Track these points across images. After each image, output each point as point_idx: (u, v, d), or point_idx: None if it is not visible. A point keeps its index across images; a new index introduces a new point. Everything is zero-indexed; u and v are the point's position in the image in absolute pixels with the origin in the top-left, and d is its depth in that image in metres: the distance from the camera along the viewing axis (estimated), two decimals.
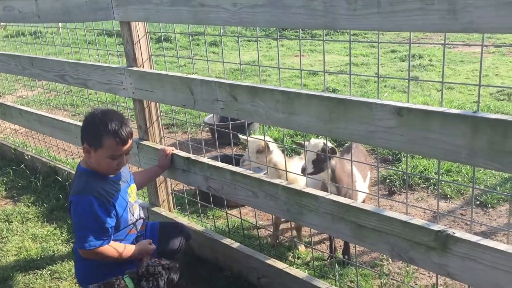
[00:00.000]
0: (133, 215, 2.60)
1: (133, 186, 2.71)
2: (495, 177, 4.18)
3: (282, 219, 3.48)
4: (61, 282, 3.12)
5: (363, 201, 3.03)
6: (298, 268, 2.82)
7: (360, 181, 3.08)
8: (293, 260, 3.06)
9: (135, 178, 2.83)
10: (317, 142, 2.85)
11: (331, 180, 2.81)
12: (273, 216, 3.43)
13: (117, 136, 2.40)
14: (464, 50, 10.41)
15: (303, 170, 2.80)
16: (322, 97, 2.14)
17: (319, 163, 2.79)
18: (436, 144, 1.81)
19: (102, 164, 2.45)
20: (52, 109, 6.44)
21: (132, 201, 2.62)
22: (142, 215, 2.73)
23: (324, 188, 2.84)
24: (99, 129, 2.40)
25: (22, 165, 4.97)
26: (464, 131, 1.73)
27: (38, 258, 3.40)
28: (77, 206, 2.38)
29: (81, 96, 5.18)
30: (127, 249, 2.50)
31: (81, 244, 2.38)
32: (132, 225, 2.60)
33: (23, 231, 3.80)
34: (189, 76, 2.79)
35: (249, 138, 3.19)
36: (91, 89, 3.67)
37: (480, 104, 6.11)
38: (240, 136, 3.30)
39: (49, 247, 3.53)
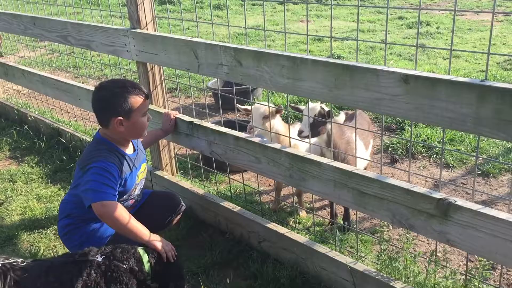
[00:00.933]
0: (134, 193, 2.64)
1: (144, 165, 2.75)
2: (498, 147, 4.18)
3: (284, 185, 3.50)
4: None
5: (365, 169, 3.05)
6: (299, 233, 2.86)
7: (362, 149, 3.09)
8: (294, 225, 3.09)
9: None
10: (314, 106, 2.84)
11: (327, 145, 2.83)
12: (275, 181, 3.45)
13: (140, 92, 2.48)
14: (472, 18, 10.23)
15: (300, 133, 2.82)
16: (328, 63, 2.12)
17: (316, 127, 2.79)
18: (442, 112, 1.80)
19: (138, 127, 2.49)
20: (55, 70, 6.40)
21: (138, 182, 2.65)
22: (139, 195, 2.74)
23: (322, 154, 2.87)
24: (123, 95, 2.42)
25: (26, 126, 4.98)
26: (470, 99, 1.71)
27: (43, 218, 3.45)
28: (98, 168, 2.35)
29: (83, 58, 5.14)
30: (143, 229, 2.37)
31: (99, 197, 2.29)
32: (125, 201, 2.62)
33: (28, 191, 3.84)
34: (194, 39, 2.76)
35: (253, 105, 3.18)
36: (94, 50, 3.63)
37: (489, 73, 6.04)
38: (238, 106, 3.26)
39: (53, 207, 3.57)
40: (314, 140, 2.92)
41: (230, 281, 2.70)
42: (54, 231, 3.28)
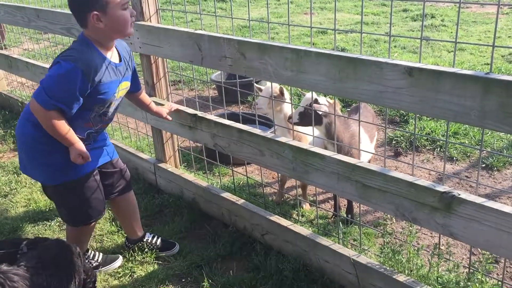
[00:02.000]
0: (107, 108, 2.45)
1: (126, 84, 2.53)
2: (502, 140, 4.17)
3: (288, 177, 3.50)
4: None
5: (369, 162, 3.04)
6: (302, 225, 2.87)
7: (367, 142, 3.08)
8: (297, 218, 3.10)
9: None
10: (309, 97, 2.86)
11: (327, 137, 2.84)
12: (279, 174, 3.46)
13: None
14: (477, 10, 10.16)
15: (289, 118, 2.87)
16: (331, 55, 2.11)
17: (305, 116, 2.82)
18: (446, 105, 1.80)
19: (120, 21, 2.27)
20: None
21: (117, 97, 2.47)
22: (111, 115, 2.57)
23: (324, 146, 2.89)
24: None
25: None
26: (475, 92, 1.71)
27: (47, 210, 3.46)
28: (61, 69, 2.20)
29: None
30: (69, 135, 2.30)
31: (42, 97, 2.20)
32: (92, 119, 2.44)
33: (32, 183, 3.85)
34: (197, 31, 2.75)
35: (267, 83, 3.21)
36: None
37: (493, 66, 6.01)
38: (257, 86, 3.32)
39: None
40: (318, 132, 2.92)
41: (233, 273, 2.71)
42: (58, 223, 3.30)
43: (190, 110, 3.08)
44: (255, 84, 3.28)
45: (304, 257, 2.69)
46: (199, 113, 3.01)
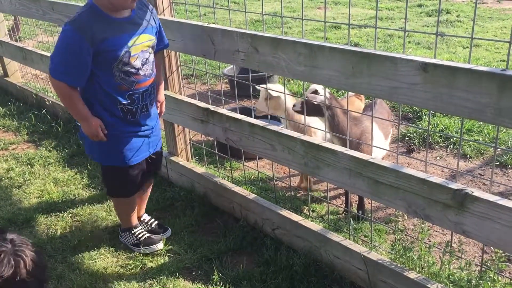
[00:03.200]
0: (129, 65, 2.42)
1: (147, 37, 2.50)
2: None
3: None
4: (82, 225, 3.21)
5: (382, 158, 3.02)
6: (313, 221, 2.86)
7: (381, 139, 3.06)
8: (308, 214, 3.09)
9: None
10: (313, 87, 2.88)
11: (331, 130, 2.83)
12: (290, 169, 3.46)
13: None
14: (493, 6, 10.02)
15: (293, 106, 2.95)
16: (345, 50, 2.09)
17: (308, 105, 2.82)
18: (461, 102, 1.78)
19: None
20: None
21: (135, 51, 2.43)
22: (150, 73, 2.55)
23: (330, 140, 2.91)
24: None
25: (43, 110, 5.04)
26: (491, 89, 1.68)
27: (60, 201, 3.50)
28: (62, 33, 2.30)
29: None
30: (80, 108, 2.42)
31: (50, 66, 2.34)
32: (121, 79, 2.44)
33: (45, 175, 3.89)
34: (211, 25, 2.75)
35: (261, 88, 3.24)
36: None
37: (510, 63, 5.93)
38: (257, 86, 3.33)
39: (70, 191, 3.62)
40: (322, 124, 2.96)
41: (243, 267, 2.72)
42: (70, 215, 3.33)
43: (202, 104, 3.08)
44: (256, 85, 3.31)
45: (314, 253, 2.69)
46: (211, 107, 3.01)
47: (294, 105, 2.96)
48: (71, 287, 2.65)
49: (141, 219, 3.09)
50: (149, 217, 3.13)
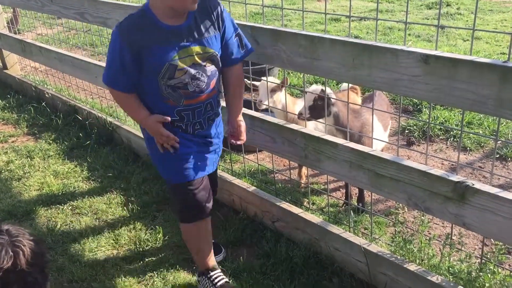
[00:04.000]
0: (175, 79, 2.12)
1: (202, 49, 2.15)
2: None
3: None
4: (82, 217, 3.21)
5: (381, 151, 3.02)
6: (313, 213, 2.86)
7: (381, 131, 3.05)
8: (308, 206, 3.09)
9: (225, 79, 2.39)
10: (315, 88, 2.83)
11: (337, 125, 2.82)
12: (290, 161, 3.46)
13: None
14: None
15: (299, 115, 2.81)
16: (346, 42, 2.09)
17: (316, 109, 2.77)
18: (462, 93, 1.77)
19: None
20: (71, 48, 6.41)
21: (183, 64, 2.11)
22: (203, 88, 2.21)
23: (333, 135, 2.87)
24: None
25: (43, 103, 5.02)
26: (492, 81, 1.68)
27: (60, 194, 3.50)
28: (111, 37, 2.12)
29: (100, 36, 5.14)
30: (138, 112, 2.23)
31: (103, 75, 2.19)
32: (167, 94, 2.17)
33: (45, 167, 3.89)
34: None
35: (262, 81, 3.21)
36: (111, 28, 3.62)
37: (510, 54, 5.92)
38: (246, 81, 3.32)
39: (70, 183, 3.62)
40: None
41: (243, 260, 2.72)
42: (71, 207, 3.33)
43: None
44: (246, 81, 3.28)
45: (314, 245, 2.69)
46: None
47: (300, 114, 2.83)
48: (72, 279, 2.66)
49: None
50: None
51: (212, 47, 2.17)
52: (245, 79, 3.15)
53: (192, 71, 2.13)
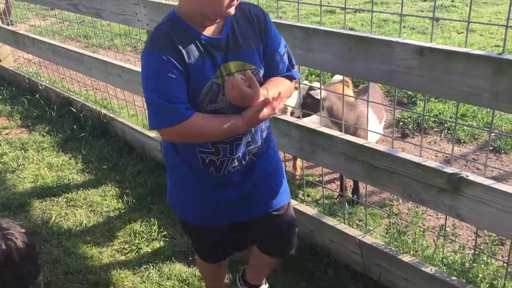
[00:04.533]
0: (216, 103, 1.67)
1: (242, 65, 1.69)
2: (510, 123, 4.13)
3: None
4: (77, 209, 3.21)
5: (376, 143, 3.03)
6: (308, 205, 2.87)
7: (376, 123, 3.06)
8: (303, 198, 3.10)
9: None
10: (303, 86, 2.84)
11: (331, 120, 2.83)
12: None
13: None
14: None
15: (292, 114, 2.83)
16: (341, 34, 2.08)
17: (306, 107, 2.79)
18: (457, 85, 1.78)
19: None
20: (65, 39, 6.36)
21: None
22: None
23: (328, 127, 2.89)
24: None
25: (37, 95, 4.99)
26: (487, 73, 1.68)
27: (54, 186, 3.49)
28: (142, 68, 1.63)
29: (94, 27, 5.11)
30: (225, 123, 1.66)
31: (152, 122, 1.65)
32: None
33: (39, 160, 3.87)
34: None
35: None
36: (104, 19, 3.60)
37: (505, 46, 5.93)
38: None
39: (65, 176, 3.61)
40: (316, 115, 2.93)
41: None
42: (65, 199, 3.33)
43: None
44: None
45: (310, 237, 2.70)
46: None
47: (292, 113, 2.83)
48: (67, 271, 2.66)
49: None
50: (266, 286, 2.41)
51: (253, 62, 1.72)
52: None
53: None
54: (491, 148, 3.79)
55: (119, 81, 3.72)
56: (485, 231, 2.66)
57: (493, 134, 3.92)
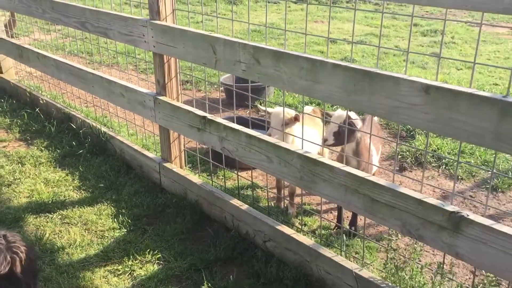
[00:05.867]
0: None
1: None
2: (508, 162, 4.16)
3: (285, 183, 3.48)
4: (71, 227, 3.18)
5: (373, 175, 3.04)
6: (305, 235, 2.86)
7: (375, 155, 3.08)
8: (300, 227, 3.09)
9: None
10: (341, 114, 2.83)
11: (354, 153, 2.83)
12: (276, 179, 3.46)
13: None
14: (487, 30, 10.17)
15: (324, 141, 2.81)
16: (348, 67, 2.11)
17: (341, 135, 2.77)
18: (461, 125, 1.80)
19: None
20: (67, 55, 6.41)
21: None
22: None
23: (347, 162, 2.84)
24: None
25: (37, 109, 4.99)
26: (491, 114, 1.71)
27: (50, 202, 3.46)
28: None
29: (98, 45, 5.15)
30: None
31: None
32: None
33: (36, 175, 3.85)
34: (213, 34, 2.76)
35: (273, 110, 3.14)
36: (111, 39, 3.63)
37: (502, 87, 6.01)
38: (260, 107, 3.29)
39: (61, 192, 3.58)
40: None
41: (233, 278, 2.70)
42: (60, 216, 3.29)
43: (200, 112, 3.08)
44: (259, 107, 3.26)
45: (305, 267, 2.68)
46: (209, 116, 3.01)
47: (325, 140, 2.82)
48: None
49: None
50: None
51: None
52: (258, 105, 3.09)
53: None
54: (488, 186, 3.80)
55: (122, 100, 3.73)
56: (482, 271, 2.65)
57: (489, 173, 3.94)
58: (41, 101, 5.02)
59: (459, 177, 3.95)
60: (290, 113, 3.15)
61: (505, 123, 1.68)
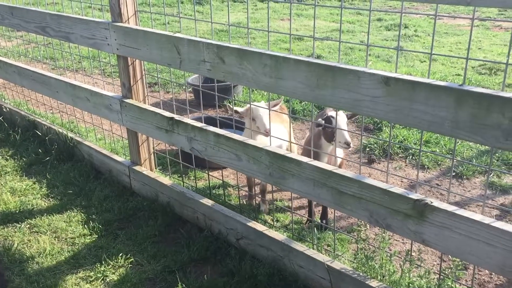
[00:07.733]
0: None
1: None
2: (471, 150, 4.28)
3: (257, 181, 3.50)
4: (40, 236, 3.12)
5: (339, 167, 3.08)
6: (277, 231, 2.88)
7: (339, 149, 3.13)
8: (272, 223, 3.11)
9: None
10: (325, 113, 2.92)
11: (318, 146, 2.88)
12: (246, 177, 3.47)
13: None
14: (449, 22, 10.41)
15: (349, 145, 2.78)
16: (310, 63, 2.14)
17: (329, 134, 2.87)
18: (421, 115, 1.84)
19: None
20: (31, 61, 6.27)
21: None
22: None
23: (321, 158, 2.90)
24: None
25: (0, 118, 4.87)
26: (449, 103, 1.75)
27: (17, 211, 3.39)
28: None
29: (61, 50, 5.06)
30: None
31: None
32: None
33: (1, 184, 3.76)
34: (176, 35, 2.75)
35: (247, 107, 3.14)
36: (74, 43, 3.58)
37: (466, 77, 6.17)
38: (229, 106, 3.28)
39: (28, 201, 3.51)
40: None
41: (207, 278, 2.70)
42: (28, 225, 3.23)
43: (167, 113, 3.07)
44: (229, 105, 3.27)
45: (278, 262, 2.71)
46: (176, 117, 3.00)
47: (348, 144, 2.81)
48: None
49: None
50: None
51: None
52: (228, 104, 3.10)
53: None
54: (454, 174, 3.90)
55: (87, 104, 3.68)
56: (449, 256, 2.72)
57: (455, 161, 4.04)
58: (4, 110, 4.91)
59: (426, 166, 4.05)
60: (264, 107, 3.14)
61: (461, 111, 1.73)
